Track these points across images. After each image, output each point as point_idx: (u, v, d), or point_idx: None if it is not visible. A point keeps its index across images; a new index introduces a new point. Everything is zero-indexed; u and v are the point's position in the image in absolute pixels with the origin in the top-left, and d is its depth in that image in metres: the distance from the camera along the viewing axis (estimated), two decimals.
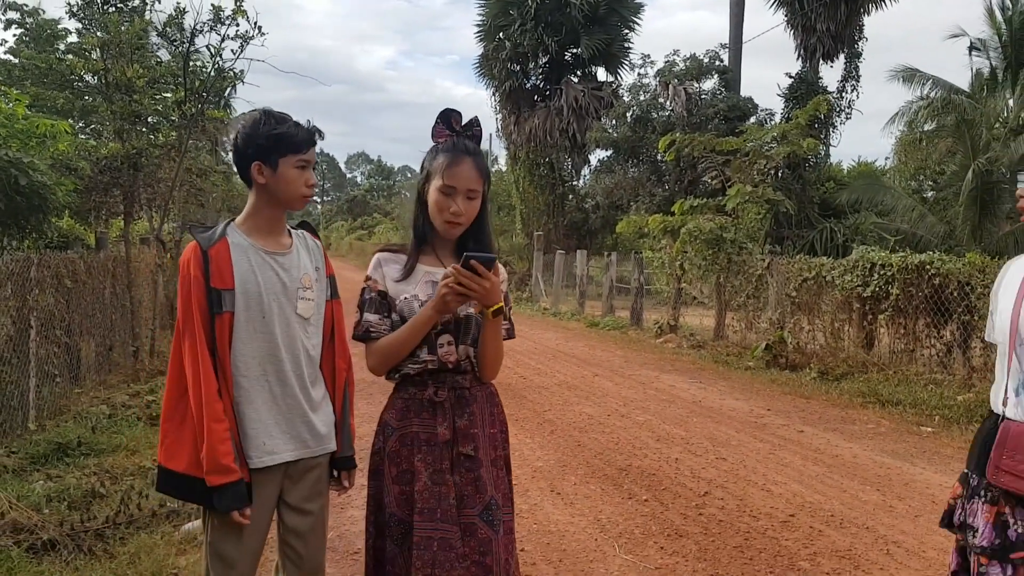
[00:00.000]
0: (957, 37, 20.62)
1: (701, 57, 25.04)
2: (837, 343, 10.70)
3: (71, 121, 11.51)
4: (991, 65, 20.59)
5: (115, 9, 9.83)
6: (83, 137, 12.94)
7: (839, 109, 23.34)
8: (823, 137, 21.95)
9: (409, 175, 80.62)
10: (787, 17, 24.35)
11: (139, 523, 4.47)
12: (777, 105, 23.77)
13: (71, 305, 7.69)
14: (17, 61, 16.10)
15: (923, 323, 9.64)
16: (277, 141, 2.43)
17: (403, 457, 2.38)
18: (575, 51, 27.12)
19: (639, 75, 27.42)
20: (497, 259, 2.32)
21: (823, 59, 23.85)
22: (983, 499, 2.24)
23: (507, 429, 2.57)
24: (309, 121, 2.54)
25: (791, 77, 23.32)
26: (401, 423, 2.41)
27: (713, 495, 5.42)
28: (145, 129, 10.27)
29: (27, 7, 17.00)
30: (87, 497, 4.82)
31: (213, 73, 9.64)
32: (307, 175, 2.48)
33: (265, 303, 2.46)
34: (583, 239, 26.16)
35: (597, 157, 28.08)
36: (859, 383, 9.37)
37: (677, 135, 16.89)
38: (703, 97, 23.58)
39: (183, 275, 2.42)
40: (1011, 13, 19.54)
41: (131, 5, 11.94)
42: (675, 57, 25.42)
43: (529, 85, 28.17)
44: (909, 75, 20.00)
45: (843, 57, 24.01)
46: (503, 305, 2.34)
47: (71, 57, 14.71)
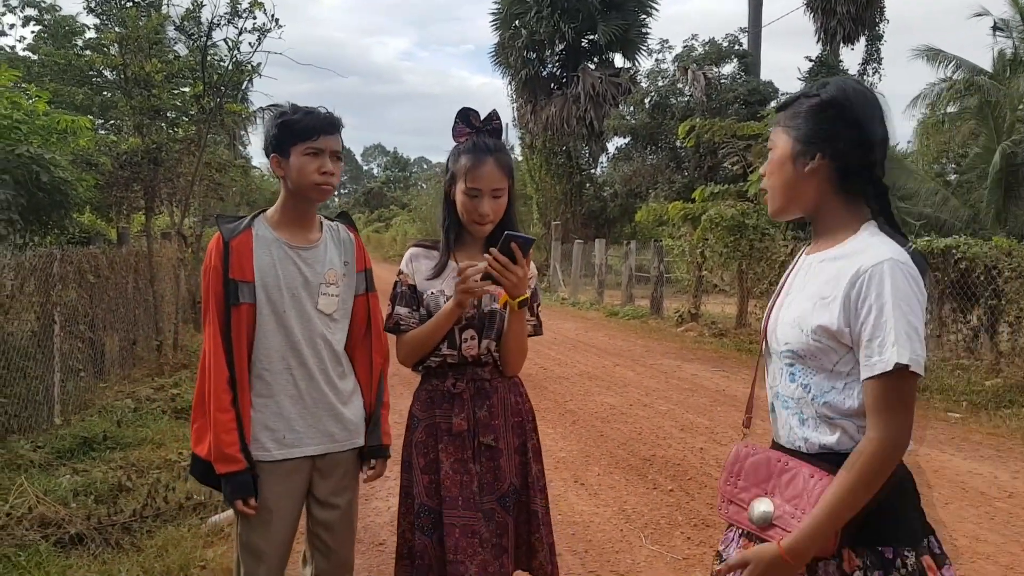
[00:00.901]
0: (980, 16, 20.27)
1: (720, 41, 24.84)
2: None
3: (90, 117, 11.53)
4: (1015, 45, 20.24)
5: (132, 4, 9.86)
6: (103, 133, 13.00)
7: None
8: None
9: (425, 167, 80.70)
10: (806, 0, 24.07)
11: (166, 516, 4.48)
12: (797, 89, 23.51)
13: (94, 300, 7.74)
14: (36, 58, 16.19)
15: (949, 308, 9.50)
16: (285, 129, 2.42)
17: (429, 447, 2.45)
18: (592, 38, 26.99)
19: (657, 61, 27.33)
20: (535, 241, 2.37)
21: (844, 42, 23.60)
22: (738, 530, 1.86)
23: (533, 418, 2.60)
24: (325, 109, 2.50)
25: (811, 60, 23.12)
26: (426, 414, 2.48)
27: None
28: (164, 124, 10.30)
29: (44, 4, 17.06)
30: (113, 491, 4.84)
31: (231, 67, 9.63)
32: (320, 162, 2.41)
33: (284, 297, 2.45)
34: (601, 228, 26.06)
35: (615, 145, 27.96)
36: None
37: (697, 121, 16.74)
38: (722, 82, 23.36)
39: (205, 265, 2.45)
40: None
41: (148, 0, 11.97)
42: (693, 42, 25.27)
43: (545, 73, 28.08)
44: (932, 55, 19.68)
45: (864, 39, 23.73)
46: (528, 297, 2.36)
47: (89, 53, 14.77)
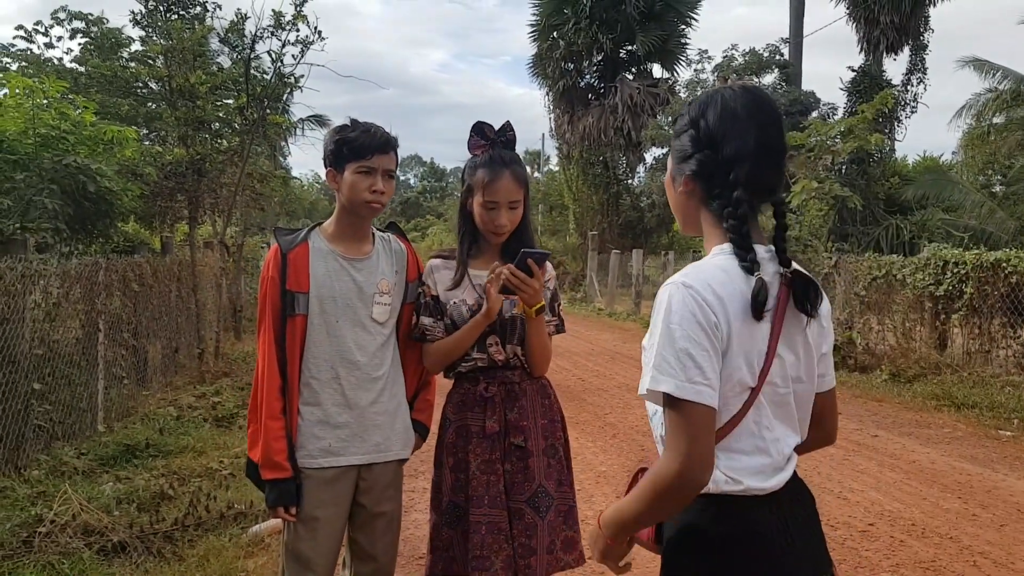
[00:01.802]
0: None
1: (761, 51, 24.62)
2: (908, 344, 10.34)
3: (136, 128, 11.71)
4: None
5: (177, 16, 9.99)
6: (148, 143, 13.19)
7: (904, 103, 22.68)
8: (887, 131, 21.36)
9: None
10: (849, 10, 23.73)
11: (207, 525, 4.49)
12: (839, 99, 23.22)
13: (138, 308, 7.83)
14: (83, 69, 16.48)
15: (998, 322, 9.28)
16: (341, 147, 2.48)
17: (458, 448, 2.55)
18: (630, 48, 26.87)
19: (696, 71, 27.05)
20: (550, 254, 2.53)
21: (887, 52, 23.17)
22: None
23: (562, 418, 2.68)
24: (380, 128, 2.53)
25: (854, 71, 22.75)
26: (457, 416, 2.58)
27: None
28: (208, 135, 10.41)
29: (91, 16, 17.39)
30: (156, 499, 4.87)
31: (274, 79, 9.72)
32: (371, 181, 2.47)
33: (338, 307, 2.51)
34: (638, 238, 25.92)
35: (652, 155, 27.78)
36: (932, 385, 9.04)
37: None
38: None
39: (263, 275, 2.52)
40: None
41: (193, 12, 12.13)
42: (733, 52, 25.10)
43: (583, 84, 27.98)
44: (978, 65, 19.31)
45: (908, 49, 23.31)
46: (543, 305, 2.47)
47: (135, 65, 15.01)
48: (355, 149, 2.46)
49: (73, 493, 4.52)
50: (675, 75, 27.52)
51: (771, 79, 24.46)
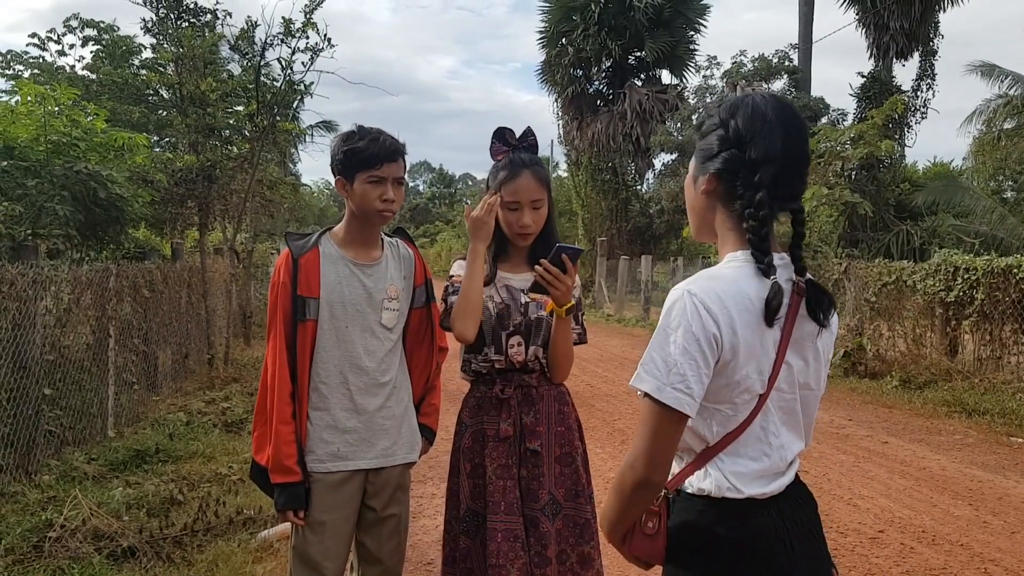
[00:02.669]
0: None
1: (770, 57, 24.56)
2: (919, 350, 10.30)
3: (147, 135, 11.78)
4: None
5: (188, 24, 10.04)
6: (159, 150, 13.27)
7: (914, 108, 22.60)
8: (897, 137, 21.28)
9: (470, 183, 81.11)
10: (858, 15, 23.64)
11: (216, 530, 4.50)
12: (849, 105, 23.13)
13: (148, 314, 7.85)
14: (95, 77, 16.59)
15: (1010, 329, 9.23)
16: (350, 157, 2.47)
17: (475, 452, 2.52)
18: (639, 54, 26.88)
19: (705, 77, 26.94)
20: (584, 251, 2.48)
21: (896, 57, 23.08)
22: None
23: (580, 427, 2.63)
24: (388, 135, 2.52)
25: (863, 76, 22.67)
26: (473, 420, 2.55)
27: None
28: (219, 142, 10.46)
29: (103, 24, 17.51)
30: (165, 504, 4.88)
31: (284, 86, 9.76)
32: (382, 190, 2.47)
33: (349, 313, 2.52)
34: (647, 244, 25.87)
35: (661, 161, 27.75)
36: (943, 391, 9.00)
37: None
38: None
39: (273, 280, 2.51)
40: None
41: (203, 20, 12.19)
42: (742, 58, 24.99)
43: (592, 90, 28.01)
44: (988, 70, 19.24)
45: (918, 55, 23.23)
46: (573, 304, 2.42)
47: (146, 72, 15.10)
48: (364, 159, 2.45)
49: (83, 498, 4.54)
50: (684, 81, 27.52)
51: (780, 85, 24.39)
